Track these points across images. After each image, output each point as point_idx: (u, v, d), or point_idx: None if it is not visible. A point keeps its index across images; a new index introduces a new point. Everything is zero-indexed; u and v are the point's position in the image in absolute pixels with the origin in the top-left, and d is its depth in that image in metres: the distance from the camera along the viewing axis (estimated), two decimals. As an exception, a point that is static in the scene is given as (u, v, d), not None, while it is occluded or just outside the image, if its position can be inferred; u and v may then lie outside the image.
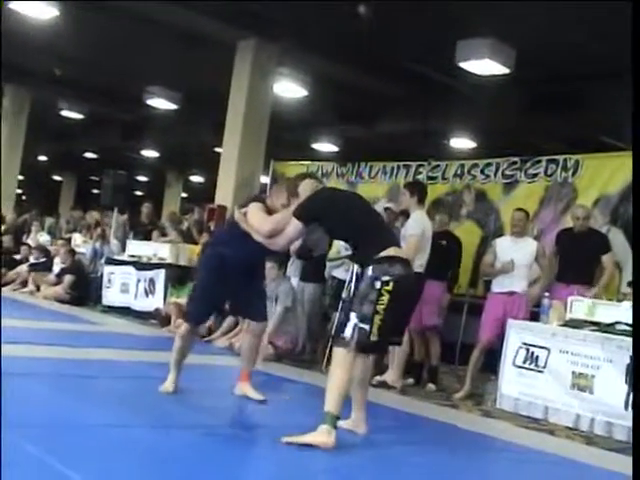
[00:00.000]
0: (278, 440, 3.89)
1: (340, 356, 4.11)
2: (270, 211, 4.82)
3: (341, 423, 4.25)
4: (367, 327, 4.03)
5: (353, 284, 4.63)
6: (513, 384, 6.04)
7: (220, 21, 10.05)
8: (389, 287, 4.03)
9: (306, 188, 4.56)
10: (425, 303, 6.96)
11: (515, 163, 8.68)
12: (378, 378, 6.73)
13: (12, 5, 9.91)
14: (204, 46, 10.81)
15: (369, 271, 4.09)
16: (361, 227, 4.32)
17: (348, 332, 4.07)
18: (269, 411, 5.12)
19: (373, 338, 4.08)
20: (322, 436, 3.93)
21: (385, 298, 4.03)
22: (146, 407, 4.59)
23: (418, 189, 7.05)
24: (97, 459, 3.33)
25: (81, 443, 3.53)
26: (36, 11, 10.07)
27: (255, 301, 5.20)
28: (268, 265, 7.85)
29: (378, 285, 4.04)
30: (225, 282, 4.96)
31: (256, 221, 4.67)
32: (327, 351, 7.39)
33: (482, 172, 8.99)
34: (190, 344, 5.14)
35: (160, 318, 9.62)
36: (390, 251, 4.15)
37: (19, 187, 17.66)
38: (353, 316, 4.08)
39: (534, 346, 5.95)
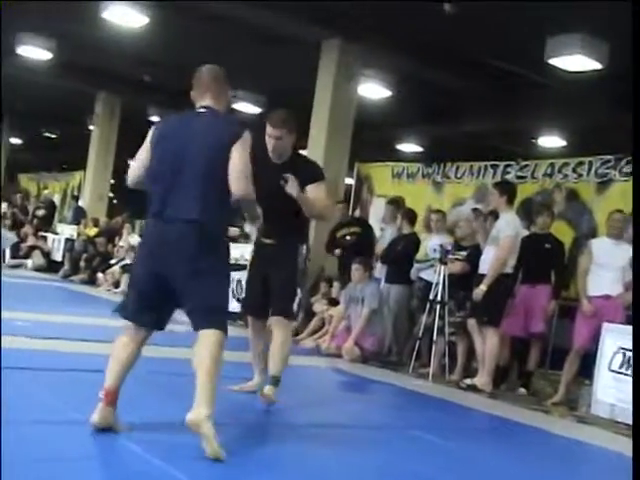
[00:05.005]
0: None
1: (289, 328, 4.72)
2: None
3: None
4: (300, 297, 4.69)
5: (303, 261, 4.86)
6: (609, 389, 5.86)
7: (304, 21, 10.09)
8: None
9: None
10: (531, 309, 6.85)
11: (609, 161, 8.41)
12: (467, 381, 6.66)
13: (105, 15, 10.19)
14: (288, 47, 10.88)
15: (304, 249, 4.77)
16: None
17: (295, 306, 4.77)
18: (353, 411, 5.12)
19: None
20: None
21: None
22: (236, 406, 4.63)
23: (508, 189, 6.99)
24: (192, 456, 3.38)
25: (176, 441, 3.57)
26: (128, 20, 10.32)
27: None
28: (354, 267, 7.86)
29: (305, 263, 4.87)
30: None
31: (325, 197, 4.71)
32: (414, 353, 7.35)
33: (574, 171, 8.75)
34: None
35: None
36: None
37: (111, 190, 18.14)
38: (299, 291, 4.76)
39: (632, 350, 5.75)
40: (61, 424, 3.65)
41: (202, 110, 3.75)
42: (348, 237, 8.90)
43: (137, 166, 3.77)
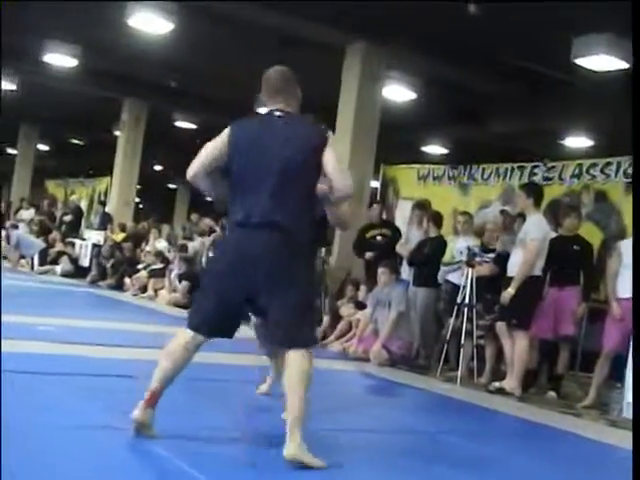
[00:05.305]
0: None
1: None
2: None
3: None
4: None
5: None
6: (640, 392, 5.77)
7: (329, 26, 10.10)
8: None
9: None
10: (560, 311, 6.80)
11: (637, 161, 8.32)
12: (496, 384, 6.61)
13: (131, 22, 10.26)
14: (313, 51, 10.89)
15: (322, 252, 4.40)
16: None
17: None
18: (382, 415, 5.09)
19: None
20: None
21: None
22: (266, 410, 4.63)
23: (534, 191, 6.92)
24: (221, 462, 3.39)
25: (202, 445, 3.59)
26: (153, 26, 10.37)
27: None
28: (380, 270, 7.83)
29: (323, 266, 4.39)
30: None
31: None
32: (442, 357, 7.32)
33: (602, 171, 8.66)
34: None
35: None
36: None
37: (137, 195, 18.25)
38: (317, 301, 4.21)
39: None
40: (90, 429, 3.66)
41: (279, 114, 3.64)
42: (378, 238, 8.90)
43: (202, 162, 3.65)
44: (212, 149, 3.67)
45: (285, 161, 3.49)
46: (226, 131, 3.67)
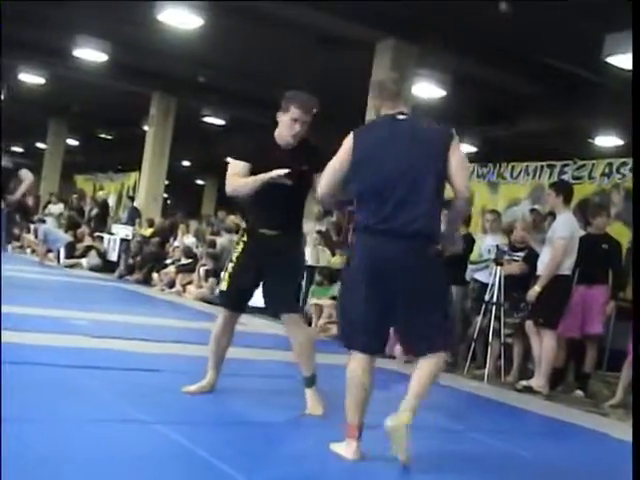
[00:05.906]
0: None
1: (304, 323, 4.28)
2: None
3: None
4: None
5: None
6: (669, 393, 5.72)
7: (359, 23, 10.09)
8: None
9: None
10: (588, 309, 6.76)
11: (669, 160, 8.23)
12: (523, 383, 6.59)
13: (161, 17, 10.32)
14: (342, 48, 10.89)
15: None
16: None
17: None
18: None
19: None
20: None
21: None
22: (288, 405, 4.64)
23: (564, 189, 6.88)
24: (246, 454, 3.42)
25: (227, 438, 3.62)
26: (183, 21, 10.43)
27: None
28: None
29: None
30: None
31: None
32: (469, 354, 7.30)
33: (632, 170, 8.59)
34: None
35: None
36: None
37: (165, 191, 18.34)
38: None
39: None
40: (118, 422, 3.70)
41: (403, 117, 3.59)
42: None
43: (329, 181, 3.63)
44: (339, 166, 3.60)
45: (417, 164, 3.46)
46: (349, 141, 3.61)
